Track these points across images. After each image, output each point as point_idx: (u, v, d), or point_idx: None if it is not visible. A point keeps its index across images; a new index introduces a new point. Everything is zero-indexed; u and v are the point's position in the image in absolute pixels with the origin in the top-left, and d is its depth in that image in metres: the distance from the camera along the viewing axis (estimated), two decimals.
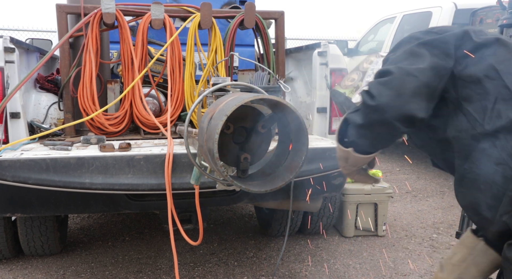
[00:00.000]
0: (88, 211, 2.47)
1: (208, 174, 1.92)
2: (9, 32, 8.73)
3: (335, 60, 3.12)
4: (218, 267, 3.16)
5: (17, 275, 3.04)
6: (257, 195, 2.56)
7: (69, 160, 2.12)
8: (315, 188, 2.61)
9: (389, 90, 1.38)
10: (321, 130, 3.14)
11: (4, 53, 2.61)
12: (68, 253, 3.40)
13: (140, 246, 3.53)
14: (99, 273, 3.07)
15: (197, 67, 3.41)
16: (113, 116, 2.86)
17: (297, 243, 3.61)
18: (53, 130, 2.68)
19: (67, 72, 2.90)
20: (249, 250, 3.47)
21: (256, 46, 3.50)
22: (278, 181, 1.74)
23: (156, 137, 2.88)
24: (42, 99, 3.13)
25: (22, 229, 3.05)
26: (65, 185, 2.13)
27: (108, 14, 2.82)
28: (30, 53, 3.17)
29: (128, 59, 2.89)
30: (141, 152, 2.25)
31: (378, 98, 1.38)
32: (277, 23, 3.30)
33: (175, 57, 2.95)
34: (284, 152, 1.83)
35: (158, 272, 3.09)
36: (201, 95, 1.91)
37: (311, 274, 3.08)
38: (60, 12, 2.90)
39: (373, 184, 3.74)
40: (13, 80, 2.64)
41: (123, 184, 2.18)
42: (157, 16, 2.93)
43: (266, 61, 3.23)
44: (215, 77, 2.57)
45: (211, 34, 3.06)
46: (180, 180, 2.21)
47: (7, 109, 2.58)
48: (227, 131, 1.73)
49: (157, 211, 2.72)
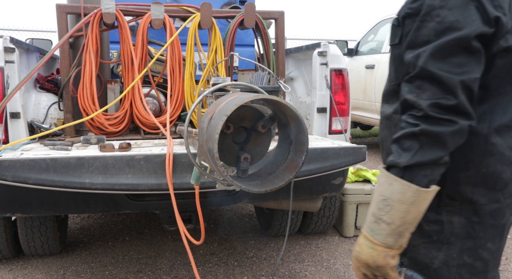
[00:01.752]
0: (88, 211, 2.47)
1: (208, 174, 1.92)
2: (9, 32, 8.73)
3: (335, 60, 3.12)
4: (218, 267, 3.16)
5: (17, 275, 3.04)
6: (257, 195, 2.56)
7: (69, 160, 2.12)
8: (315, 188, 2.61)
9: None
10: (321, 130, 3.14)
11: (4, 53, 2.61)
12: (68, 253, 3.41)
13: (140, 246, 3.54)
14: (99, 273, 3.07)
15: (197, 67, 3.41)
16: (113, 116, 2.86)
17: (297, 243, 3.61)
18: (53, 130, 2.68)
19: (67, 72, 2.90)
20: (249, 250, 3.47)
21: (256, 46, 3.50)
22: (278, 181, 1.74)
23: (156, 137, 2.88)
24: (42, 99, 3.13)
25: (22, 229, 3.05)
26: (65, 185, 2.13)
27: (108, 14, 2.82)
28: (30, 53, 3.17)
29: (128, 59, 2.90)
30: (141, 152, 2.25)
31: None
32: (277, 23, 3.30)
33: (175, 57, 2.95)
34: (284, 152, 1.83)
35: (158, 272, 3.09)
36: (201, 95, 1.91)
37: (311, 274, 3.08)
38: (60, 12, 2.90)
39: (373, 185, 3.75)
40: (13, 80, 2.64)
41: (123, 184, 2.18)
42: (157, 16, 2.93)
43: (266, 61, 3.23)
44: (215, 77, 2.56)
45: (211, 34, 3.06)
46: (180, 180, 2.21)
47: (7, 109, 2.58)
48: (227, 131, 1.73)
49: (157, 211, 2.72)
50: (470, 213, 1.21)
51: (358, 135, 9.29)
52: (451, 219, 1.22)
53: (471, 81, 1.08)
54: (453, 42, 1.07)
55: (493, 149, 1.18)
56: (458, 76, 1.07)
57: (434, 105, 1.07)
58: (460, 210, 1.22)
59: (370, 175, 3.82)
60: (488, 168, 1.19)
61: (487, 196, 1.20)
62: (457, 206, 1.22)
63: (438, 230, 1.24)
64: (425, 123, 1.07)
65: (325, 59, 3.11)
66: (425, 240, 1.26)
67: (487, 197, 1.20)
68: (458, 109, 1.07)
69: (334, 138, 3.09)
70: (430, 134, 1.07)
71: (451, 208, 1.22)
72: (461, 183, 1.20)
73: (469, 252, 1.23)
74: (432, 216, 1.23)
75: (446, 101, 1.06)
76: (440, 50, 1.08)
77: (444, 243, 1.24)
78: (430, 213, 1.22)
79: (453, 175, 1.20)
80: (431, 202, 1.19)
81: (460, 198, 1.21)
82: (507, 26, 1.13)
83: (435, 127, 1.07)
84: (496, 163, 1.18)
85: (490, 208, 1.20)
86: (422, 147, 1.08)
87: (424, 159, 1.08)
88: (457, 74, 1.07)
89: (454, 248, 1.23)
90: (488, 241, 1.23)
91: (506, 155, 1.18)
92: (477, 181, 1.20)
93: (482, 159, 1.19)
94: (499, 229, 1.23)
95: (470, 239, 1.22)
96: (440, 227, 1.24)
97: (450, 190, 1.21)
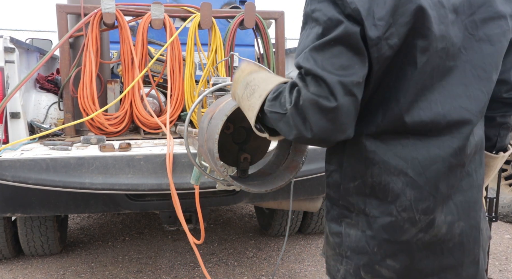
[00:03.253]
0: (88, 211, 2.47)
1: (208, 174, 1.92)
2: (9, 32, 8.73)
3: None
4: (218, 267, 3.16)
5: (17, 275, 3.04)
6: (257, 195, 2.56)
7: (69, 160, 2.12)
8: (315, 188, 2.61)
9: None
10: None
11: (4, 53, 2.61)
12: (68, 253, 3.41)
13: (140, 246, 3.53)
14: (99, 273, 3.07)
15: (197, 67, 3.41)
16: (113, 116, 2.86)
17: (297, 243, 3.61)
18: (53, 130, 2.68)
19: (67, 72, 2.90)
20: (249, 250, 3.47)
21: (256, 46, 3.50)
22: (278, 181, 1.74)
23: (156, 137, 2.88)
24: (42, 99, 3.12)
25: (22, 229, 3.05)
26: (65, 185, 2.13)
27: (108, 14, 2.82)
28: (30, 53, 3.17)
29: (128, 59, 2.89)
30: (141, 152, 2.25)
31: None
32: (277, 23, 3.30)
33: (175, 57, 2.95)
34: (284, 152, 1.83)
35: (158, 272, 3.09)
36: (201, 95, 1.91)
37: (311, 274, 3.08)
38: (60, 12, 2.90)
39: None
40: (13, 80, 2.64)
41: (123, 184, 2.18)
42: (157, 16, 2.93)
43: (266, 61, 3.23)
44: (215, 77, 2.56)
45: (211, 34, 3.06)
46: (180, 180, 2.21)
47: (7, 109, 2.58)
48: (227, 131, 1.73)
49: (157, 211, 2.72)
50: (365, 226, 1.13)
51: None
52: (349, 232, 1.16)
53: (353, 85, 0.99)
54: (333, 42, 0.99)
55: (374, 157, 1.09)
56: (339, 77, 0.98)
57: (314, 103, 0.97)
58: (357, 222, 1.14)
59: None
60: (374, 178, 1.10)
61: (379, 208, 1.10)
62: (354, 218, 1.15)
63: (339, 242, 1.18)
64: (294, 109, 1.00)
65: None
66: (333, 252, 1.22)
67: (379, 209, 1.10)
68: (337, 112, 0.98)
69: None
70: (291, 119, 1.02)
71: (349, 220, 1.16)
72: (352, 194, 1.14)
73: (365, 268, 1.14)
74: (335, 227, 1.19)
75: (327, 102, 0.97)
76: (322, 50, 0.99)
77: (344, 257, 1.17)
78: (334, 224, 1.19)
79: (344, 185, 1.15)
80: (334, 213, 1.18)
81: (355, 209, 1.14)
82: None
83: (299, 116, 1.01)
84: (381, 173, 1.09)
85: (382, 221, 1.10)
86: (284, 117, 1.03)
87: (275, 122, 1.09)
88: (339, 76, 0.98)
89: (351, 263, 1.16)
90: (387, 258, 1.12)
91: (391, 163, 1.08)
92: (367, 191, 1.12)
93: (365, 169, 1.11)
94: (401, 246, 1.11)
95: (365, 255, 1.13)
96: (340, 240, 1.18)
97: (345, 200, 1.16)
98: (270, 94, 1.11)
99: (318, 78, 0.98)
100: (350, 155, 1.14)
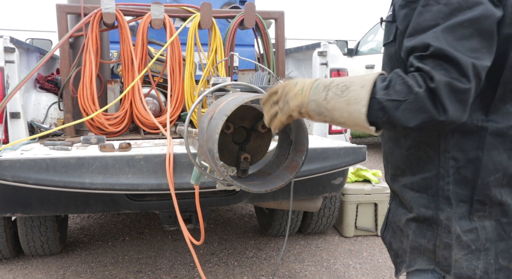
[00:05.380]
0: (88, 211, 2.47)
1: (208, 174, 1.92)
2: (9, 32, 8.72)
3: (335, 60, 3.12)
4: (218, 267, 3.16)
5: (17, 275, 3.04)
6: (257, 195, 2.56)
7: (69, 160, 2.12)
8: (315, 188, 2.61)
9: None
10: (321, 130, 3.14)
11: (4, 53, 2.61)
12: (68, 253, 3.41)
13: (140, 246, 3.54)
14: (99, 273, 3.07)
15: (197, 67, 3.41)
16: (113, 116, 2.86)
17: (297, 243, 3.61)
18: (53, 130, 2.68)
19: (67, 72, 2.90)
20: (249, 250, 3.47)
21: (256, 46, 3.50)
22: (278, 181, 1.74)
23: (156, 137, 2.88)
24: (42, 99, 3.13)
25: (22, 229, 3.05)
26: (65, 185, 2.13)
27: (108, 14, 2.82)
28: (30, 53, 3.18)
29: (128, 59, 2.90)
30: (141, 152, 2.25)
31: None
32: (277, 23, 3.30)
33: (175, 57, 2.95)
34: (284, 152, 1.83)
35: (158, 272, 3.09)
36: (201, 95, 1.91)
37: (311, 274, 3.08)
38: (60, 12, 2.90)
39: (373, 185, 3.75)
40: (13, 80, 2.64)
41: (123, 184, 2.18)
42: (157, 16, 2.93)
43: (266, 61, 3.23)
44: (215, 77, 2.56)
45: (211, 34, 3.06)
46: (180, 180, 2.22)
47: (7, 109, 2.58)
48: (227, 131, 1.73)
49: (157, 211, 2.72)
50: (499, 215, 1.21)
51: (358, 135, 9.29)
52: (483, 224, 1.21)
53: (482, 68, 1.00)
54: (467, 23, 0.98)
55: None
56: (472, 59, 0.98)
57: (448, 84, 0.97)
58: (490, 213, 1.21)
59: (370, 175, 3.82)
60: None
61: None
62: (487, 210, 1.21)
63: (474, 238, 1.22)
64: (425, 92, 0.98)
65: (325, 59, 3.11)
66: (465, 252, 1.24)
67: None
68: (469, 94, 0.98)
69: (334, 138, 3.09)
70: (419, 104, 0.98)
71: (482, 213, 1.21)
72: (491, 187, 1.19)
73: (503, 254, 1.22)
74: (466, 225, 1.22)
75: (461, 84, 0.97)
76: (453, 31, 0.99)
77: (482, 250, 1.22)
78: (464, 223, 1.22)
79: (483, 180, 1.19)
80: (462, 211, 1.20)
81: (490, 202, 1.20)
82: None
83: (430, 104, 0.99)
84: None
85: None
86: (404, 104, 0.99)
87: (392, 111, 1.00)
88: (471, 58, 0.98)
89: (491, 254, 1.22)
90: None
91: None
92: (504, 182, 1.19)
93: (508, 159, 1.18)
94: None
95: (501, 241, 1.21)
96: (475, 235, 1.22)
97: (481, 195, 1.20)
98: (379, 83, 1.04)
99: (450, 58, 0.98)
100: (492, 148, 1.16)
